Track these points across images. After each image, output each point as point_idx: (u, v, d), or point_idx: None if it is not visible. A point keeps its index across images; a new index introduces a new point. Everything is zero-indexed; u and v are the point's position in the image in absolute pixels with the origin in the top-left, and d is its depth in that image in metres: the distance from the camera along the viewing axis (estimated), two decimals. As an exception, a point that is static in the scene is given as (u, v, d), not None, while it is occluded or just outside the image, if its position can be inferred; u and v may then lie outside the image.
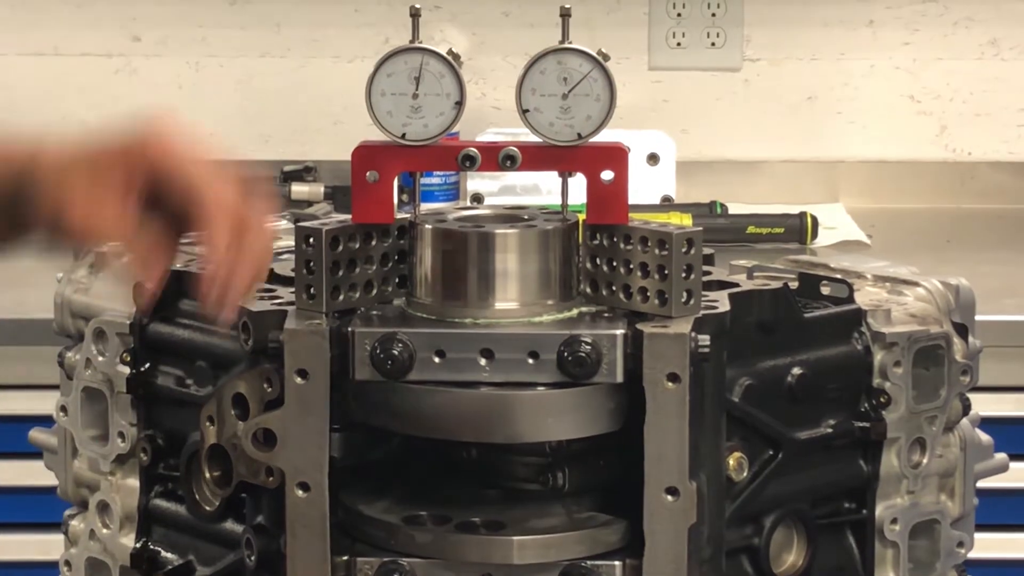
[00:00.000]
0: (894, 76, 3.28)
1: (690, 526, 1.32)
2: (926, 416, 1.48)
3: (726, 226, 2.95)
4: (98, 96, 3.26)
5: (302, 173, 3.17)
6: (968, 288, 1.54)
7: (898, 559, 1.47)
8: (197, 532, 1.46)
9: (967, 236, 3.11)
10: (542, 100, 1.37)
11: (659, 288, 1.35)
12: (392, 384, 1.33)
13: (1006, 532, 2.48)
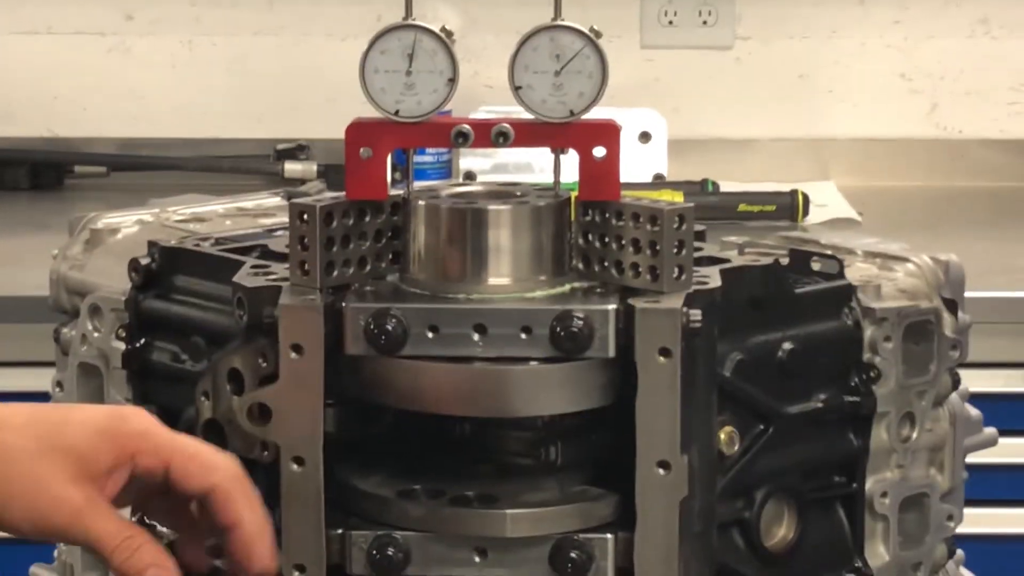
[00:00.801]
0: (885, 54, 3.28)
1: (681, 500, 1.33)
2: (916, 391, 1.49)
3: (717, 204, 2.96)
4: (91, 75, 3.27)
5: (295, 151, 3.18)
6: (958, 264, 1.55)
7: (888, 533, 1.48)
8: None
9: (958, 214, 3.11)
10: (535, 77, 1.38)
11: (651, 264, 1.35)
12: (386, 359, 1.34)
13: (995, 507, 2.49)
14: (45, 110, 3.26)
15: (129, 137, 3.26)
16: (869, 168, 3.28)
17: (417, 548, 1.34)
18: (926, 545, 1.51)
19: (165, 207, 1.64)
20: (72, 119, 3.27)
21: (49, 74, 3.26)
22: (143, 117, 3.26)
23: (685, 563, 1.33)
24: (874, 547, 1.48)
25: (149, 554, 1.25)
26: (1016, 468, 2.53)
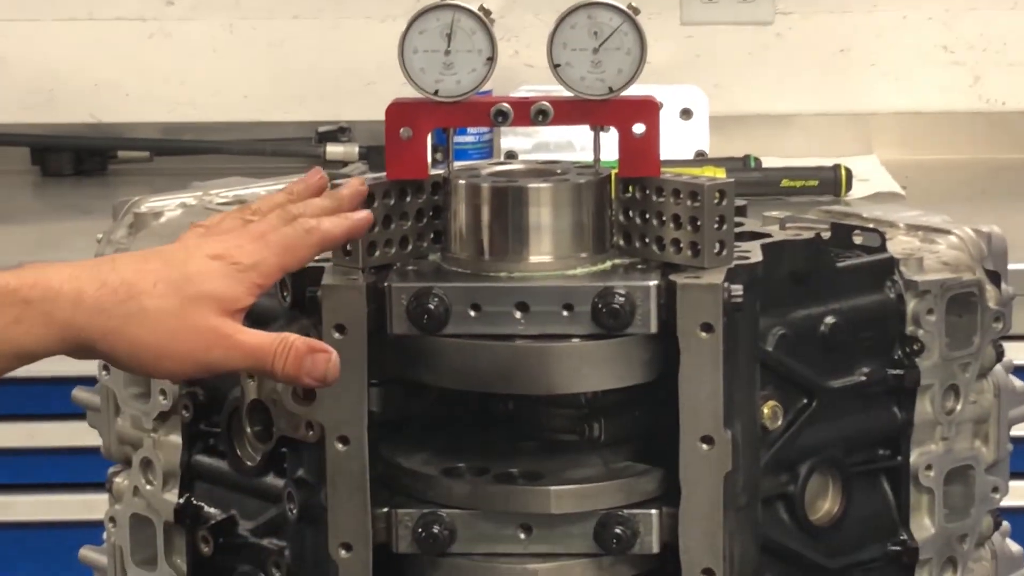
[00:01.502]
0: (927, 27, 3.27)
1: (725, 474, 1.33)
2: (959, 363, 1.49)
3: (760, 179, 2.96)
4: (133, 61, 3.28)
5: (336, 134, 3.18)
6: (1001, 236, 1.55)
7: (933, 505, 1.48)
8: (239, 487, 1.47)
9: (1001, 186, 3.11)
10: (573, 54, 1.38)
11: (692, 239, 1.36)
12: (428, 338, 1.34)
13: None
14: (88, 96, 3.28)
15: (171, 121, 3.27)
16: (912, 141, 3.27)
17: (462, 525, 1.35)
18: (971, 517, 1.51)
19: (208, 190, 1.65)
20: (114, 104, 3.28)
21: (91, 60, 3.27)
22: (185, 101, 3.28)
23: (729, 537, 1.34)
24: (919, 519, 1.48)
25: (304, 344, 1.30)
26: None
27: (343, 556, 1.35)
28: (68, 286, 1.29)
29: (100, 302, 1.29)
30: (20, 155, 3.24)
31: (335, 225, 1.34)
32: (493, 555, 1.36)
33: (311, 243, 1.33)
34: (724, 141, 3.13)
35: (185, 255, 1.33)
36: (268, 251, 1.32)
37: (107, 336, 1.29)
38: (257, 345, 1.30)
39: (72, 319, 1.29)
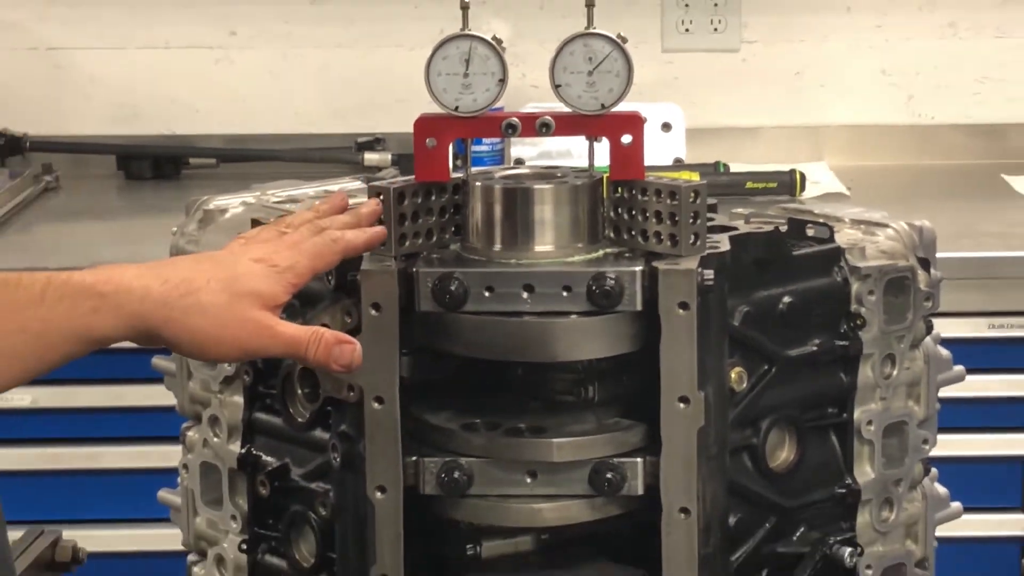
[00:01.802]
0: (868, 54, 3.26)
1: (699, 428, 1.33)
2: (895, 335, 1.49)
3: (728, 182, 2.95)
4: (201, 82, 3.28)
5: (373, 144, 3.18)
6: (930, 229, 1.55)
7: (873, 455, 1.48)
8: (291, 439, 1.47)
9: (931, 187, 3.10)
10: (571, 76, 1.38)
11: (671, 232, 1.36)
12: (450, 315, 1.35)
13: (963, 434, 2.49)
14: (164, 112, 3.28)
15: (234, 133, 3.27)
16: (856, 150, 3.27)
17: (478, 472, 1.35)
18: (905, 465, 1.51)
19: (265, 191, 1.65)
20: (187, 119, 3.28)
21: (167, 81, 3.27)
22: (246, 116, 3.27)
23: (702, 481, 1.34)
24: (861, 467, 1.48)
25: (332, 336, 1.32)
26: (981, 400, 2.52)
27: (378, 497, 1.36)
28: (137, 283, 1.30)
29: (163, 296, 1.30)
30: (107, 162, 3.25)
31: (356, 236, 1.37)
32: (504, 496, 1.36)
33: (336, 251, 1.36)
34: (698, 149, 3.13)
35: (233, 259, 1.35)
36: (301, 256, 1.34)
37: (169, 324, 1.31)
38: (293, 336, 1.32)
39: (140, 310, 1.30)
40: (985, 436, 2.61)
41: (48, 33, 3.25)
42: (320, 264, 1.35)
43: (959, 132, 3.27)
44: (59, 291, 1.31)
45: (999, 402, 2.61)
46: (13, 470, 2.57)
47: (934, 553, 1.55)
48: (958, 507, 1.58)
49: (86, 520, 2.49)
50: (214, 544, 1.56)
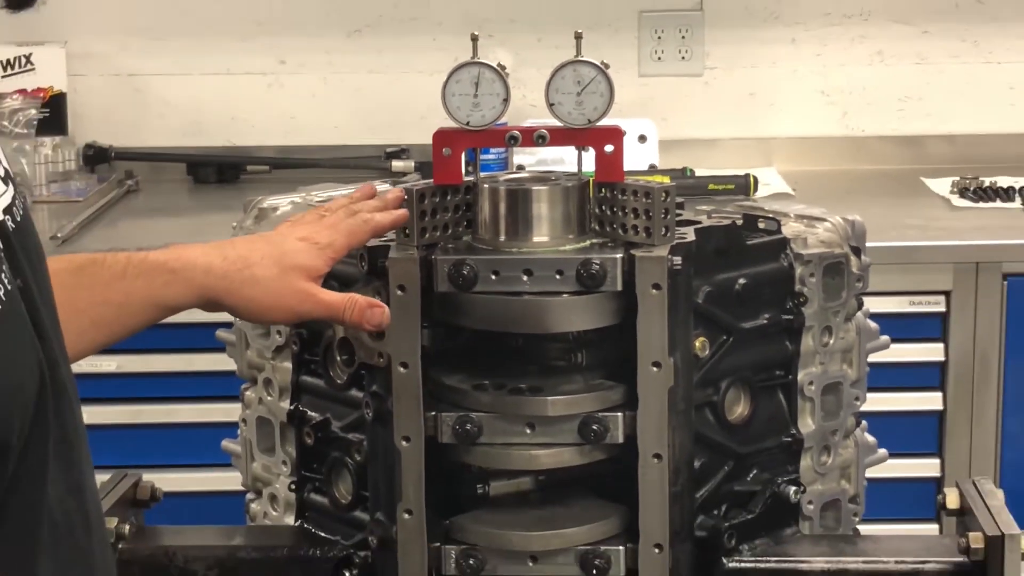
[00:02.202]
0: (810, 78, 3.26)
1: (669, 388, 1.33)
2: (832, 311, 1.49)
3: (693, 184, 2.95)
4: (256, 103, 3.28)
5: (399, 153, 3.18)
6: (861, 223, 1.55)
7: (814, 410, 1.48)
8: (331, 398, 1.47)
9: (861, 188, 3.09)
10: (563, 96, 1.38)
11: (646, 225, 1.36)
12: (463, 294, 1.35)
13: (888, 392, 2.48)
14: (226, 127, 3.27)
15: (284, 145, 3.27)
16: (799, 158, 3.26)
17: (486, 424, 1.35)
18: (840, 418, 1.51)
19: (308, 192, 1.65)
20: (244, 133, 3.27)
21: (228, 102, 3.27)
22: (293, 131, 3.27)
23: (672, 432, 1.34)
24: (804, 419, 1.48)
25: (364, 301, 1.33)
26: (902, 364, 2.52)
27: (404, 445, 1.36)
28: (202, 259, 1.31)
29: (224, 270, 1.31)
30: (179, 169, 3.25)
31: (383, 217, 1.37)
32: (508, 444, 1.36)
33: (367, 230, 1.36)
34: (668, 157, 3.13)
35: (281, 238, 1.36)
36: (338, 235, 1.35)
37: (229, 294, 1.32)
38: (333, 301, 1.33)
39: (205, 282, 1.31)
40: (906, 394, 2.61)
41: (129, 63, 3.25)
42: (354, 241, 1.37)
43: (885, 142, 3.26)
44: (138, 268, 1.31)
45: (917, 366, 2.61)
46: (102, 424, 2.57)
47: (864, 491, 1.55)
48: (884, 453, 1.58)
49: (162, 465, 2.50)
50: (268, 485, 1.56)
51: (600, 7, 3.19)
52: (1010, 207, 2.87)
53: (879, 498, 1.65)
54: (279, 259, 1.34)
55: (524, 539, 1.36)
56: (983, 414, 2.61)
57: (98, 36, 3.23)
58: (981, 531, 1.39)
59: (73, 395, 1.13)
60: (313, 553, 1.46)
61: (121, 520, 1.48)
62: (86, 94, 3.24)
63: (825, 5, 3.23)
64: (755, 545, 1.42)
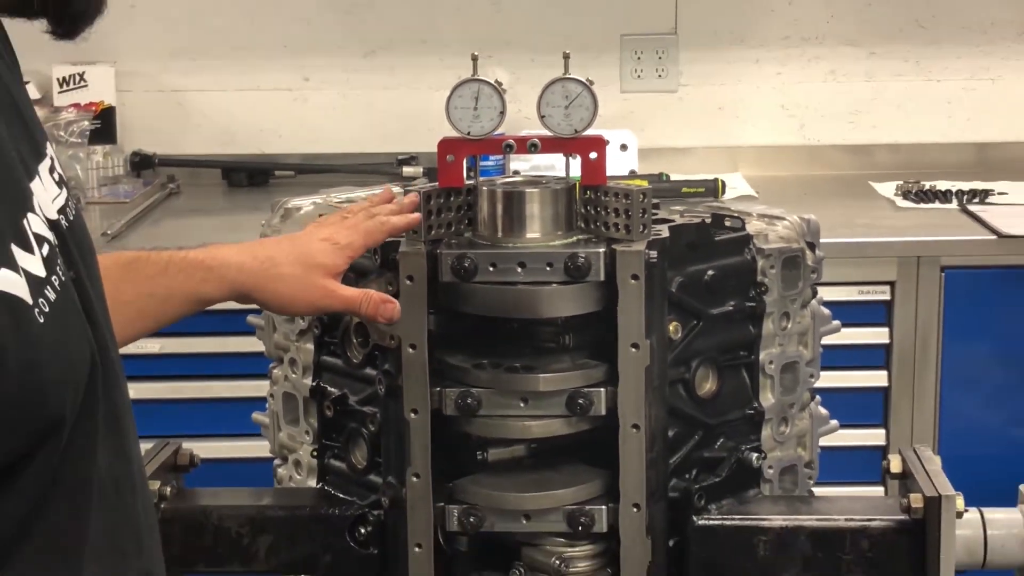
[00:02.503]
0: (771, 93, 3.26)
1: (646, 367, 1.34)
2: (790, 299, 1.49)
3: (668, 188, 2.94)
4: (282, 115, 3.27)
5: (409, 160, 3.17)
6: (815, 221, 1.55)
7: (773, 386, 1.48)
8: (348, 375, 1.48)
9: (816, 191, 3.09)
10: (553, 109, 1.38)
11: (626, 223, 1.36)
12: (465, 284, 1.35)
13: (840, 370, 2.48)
14: (256, 136, 3.27)
15: (307, 152, 3.26)
16: (762, 164, 3.26)
17: (485, 398, 1.36)
18: (797, 393, 1.51)
19: (329, 194, 1.65)
20: (272, 142, 3.27)
21: (258, 114, 3.26)
22: (316, 140, 3.26)
23: (648, 405, 1.34)
24: (765, 394, 1.48)
25: (378, 296, 1.34)
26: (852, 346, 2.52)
27: (412, 417, 1.36)
28: (235, 258, 1.32)
29: (254, 268, 1.32)
30: (214, 174, 3.24)
31: (399, 220, 1.37)
32: (504, 416, 1.36)
33: (384, 231, 1.36)
34: (646, 164, 3.13)
35: (306, 238, 1.37)
36: (357, 236, 1.35)
37: (258, 290, 1.33)
38: (351, 296, 1.34)
39: (237, 279, 1.31)
40: (855, 372, 2.61)
41: (171, 80, 3.25)
42: (371, 240, 1.37)
43: (838, 150, 3.26)
44: (178, 265, 1.31)
45: (865, 347, 2.61)
46: (146, 399, 2.57)
47: (818, 457, 1.55)
48: (835, 424, 1.58)
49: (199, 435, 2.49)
50: (293, 452, 1.56)
51: (586, 31, 3.19)
52: (948, 208, 2.87)
53: (831, 464, 1.65)
54: (302, 258, 1.34)
55: (518, 499, 1.36)
56: (923, 390, 2.61)
57: (143, 57, 3.23)
58: (921, 492, 1.39)
59: (120, 374, 1.13)
60: (332, 512, 1.46)
61: (163, 483, 1.47)
62: (133, 108, 3.23)
63: (784, 29, 3.23)
64: (721, 505, 1.43)
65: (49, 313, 0.99)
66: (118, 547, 1.09)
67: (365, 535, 1.43)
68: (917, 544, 1.39)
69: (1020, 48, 3.21)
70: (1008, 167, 3.15)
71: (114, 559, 1.08)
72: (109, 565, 1.07)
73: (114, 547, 1.08)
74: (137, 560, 1.12)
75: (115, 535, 1.08)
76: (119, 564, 1.09)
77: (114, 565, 1.08)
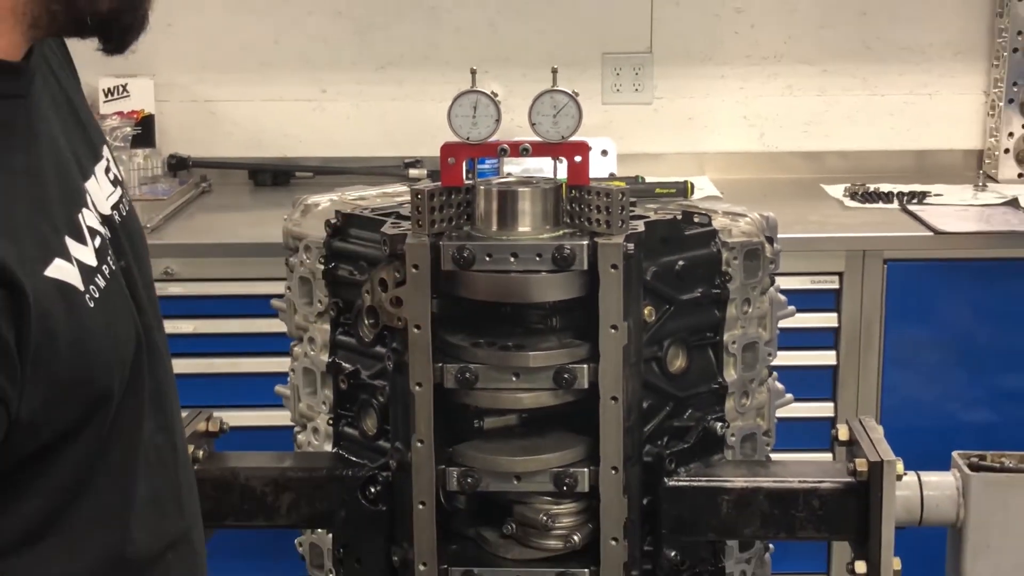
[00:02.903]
0: (735, 106, 3.25)
1: (623, 346, 1.33)
2: (751, 286, 1.49)
3: (644, 188, 2.93)
4: (303, 123, 3.26)
5: (415, 163, 3.16)
6: (774, 218, 1.55)
7: (736, 363, 1.48)
8: (361, 352, 1.47)
9: (774, 192, 3.09)
10: (542, 117, 1.37)
11: (606, 219, 1.35)
12: (464, 272, 1.34)
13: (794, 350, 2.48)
14: (279, 142, 3.26)
15: (325, 156, 3.25)
16: (726, 169, 3.25)
17: (482, 373, 1.35)
18: (756, 370, 1.51)
19: (344, 192, 1.65)
20: (294, 147, 3.26)
21: (282, 122, 3.25)
22: (332, 145, 3.25)
23: (626, 380, 1.34)
24: (728, 371, 1.48)
25: None
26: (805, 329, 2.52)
27: (417, 390, 1.35)
28: None
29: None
30: (242, 175, 3.23)
31: None
32: (498, 389, 1.36)
33: None
34: (624, 168, 3.12)
35: None
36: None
37: None
38: None
39: None
40: (807, 352, 2.61)
41: (204, 91, 3.24)
42: None
43: (794, 157, 3.26)
44: None
45: (816, 330, 2.61)
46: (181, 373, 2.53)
47: (774, 427, 1.55)
48: (790, 397, 1.58)
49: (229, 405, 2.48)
50: (311, 420, 1.56)
51: (571, 50, 3.19)
52: (890, 207, 2.87)
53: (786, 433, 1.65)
54: None
55: (510, 463, 1.36)
56: (867, 368, 2.62)
57: (180, 70, 3.21)
58: (865, 458, 1.40)
59: (165, 353, 1.12)
60: (346, 473, 1.46)
61: (196, 447, 1.47)
62: (170, 116, 3.22)
63: (747, 49, 3.23)
64: (689, 468, 1.43)
65: (99, 298, 0.99)
66: (161, 509, 1.09)
67: (375, 494, 1.43)
68: (862, 503, 1.39)
69: (955, 67, 3.21)
70: (944, 172, 3.15)
71: (157, 520, 1.09)
72: (153, 525, 1.07)
73: (157, 509, 1.09)
74: (179, 520, 1.12)
75: (158, 499, 1.08)
76: (161, 524, 1.09)
77: (157, 525, 1.08)
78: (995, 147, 3.13)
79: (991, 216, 2.74)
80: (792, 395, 1.58)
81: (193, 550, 1.15)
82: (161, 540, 1.10)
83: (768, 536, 1.44)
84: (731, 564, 1.48)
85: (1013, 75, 3.09)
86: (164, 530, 1.10)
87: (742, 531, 1.42)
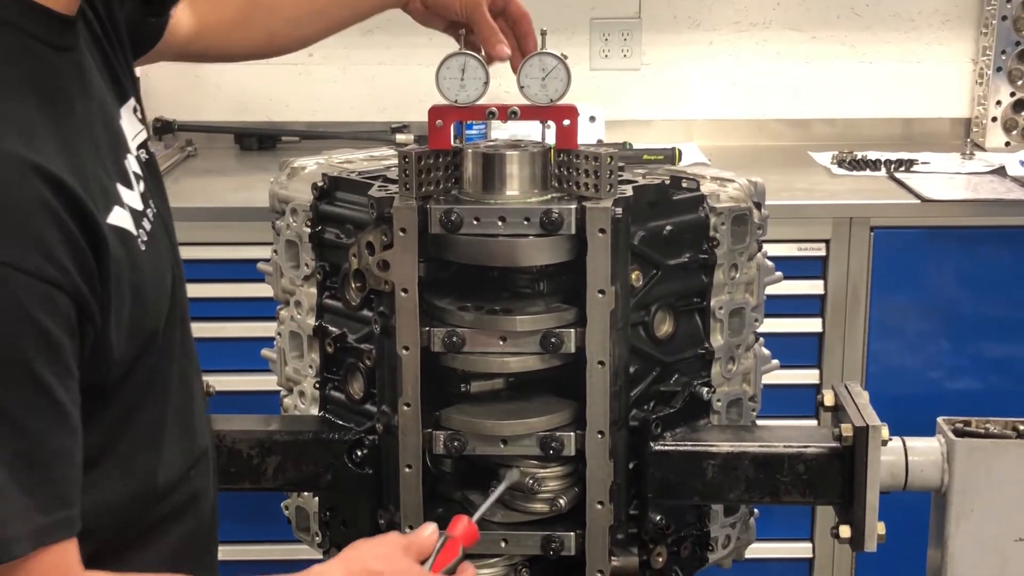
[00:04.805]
0: (723, 73, 3.24)
1: (611, 310, 1.33)
2: (738, 252, 1.49)
3: (632, 155, 2.92)
4: (289, 87, 3.24)
5: (402, 128, 3.15)
6: (762, 183, 1.54)
7: (722, 328, 1.48)
8: (348, 316, 1.47)
9: (763, 159, 3.09)
10: (531, 80, 1.37)
11: (595, 183, 1.35)
12: (451, 235, 1.34)
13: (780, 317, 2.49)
14: (265, 106, 3.24)
15: (311, 120, 3.23)
16: (714, 135, 3.25)
17: (469, 337, 1.35)
18: (743, 335, 1.51)
19: (331, 155, 1.64)
20: (280, 111, 3.24)
21: (267, 86, 3.23)
22: (319, 110, 3.23)
23: (613, 344, 1.34)
24: (715, 336, 1.48)
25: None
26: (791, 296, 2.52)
27: (404, 353, 1.35)
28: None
29: None
30: (228, 139, 3.21)
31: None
32: (485, 353, 1.36)
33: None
34: (612, 134, 3.11)
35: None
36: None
37: None
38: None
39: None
40: (794, 319, 2.61)
41: (189, 54, 3.21)
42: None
43: (781, 124, 3.25)
44: None
45: (803, 297, 2.61)
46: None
47: (760, 392, 1.56)
48: (776, 363, 1.59)
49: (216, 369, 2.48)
50: (297, 384, 1.55)
51: (560, 15, 3.17)
52: (877, 175, 2.87)
53: (772, 398, 1.65)
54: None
55: (497, 426, 1.36)
56: (853, 335, 2.62)
57: (165, 33, 3.18)
58: (851, 423, 1.40)
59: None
60: (333, 437, 1.45)
61: (183, 410, 1.47)
62: (156, 80, 3.19)
63: (735, 16, 3.21)
64: (676, 432, 1.43)
65: (147, 241, 1.06)
66: (186, 429, 1.16)
67: (361, 457, 1.43)
68: (847, 468, 1.39)
69: (943, 35, 3.20)
70: (931, 140, 3.15)
71: (183, 439, 1.15)
72: (180, 444, 1.14)
73: (183, 429, 1.15)
74: (201, 439, 1.20)
75: (183, 420, 1.15)
76: (186, 442, 1.16)
77: (182, 443, 1.14)
78: (983, 115, 3.13)
79: (978, 184, 2.74)
80: (778, 361, 1.58)
81: (209, 467, 1.21)
82: (187, 459, 1.15)
83: (753, 500, 1.45)
84: (716, 528, 1.48)
85: (1001, 43, 3.08)
86: (188, 449, 1.16)
87: (727, 495, 1.42)
